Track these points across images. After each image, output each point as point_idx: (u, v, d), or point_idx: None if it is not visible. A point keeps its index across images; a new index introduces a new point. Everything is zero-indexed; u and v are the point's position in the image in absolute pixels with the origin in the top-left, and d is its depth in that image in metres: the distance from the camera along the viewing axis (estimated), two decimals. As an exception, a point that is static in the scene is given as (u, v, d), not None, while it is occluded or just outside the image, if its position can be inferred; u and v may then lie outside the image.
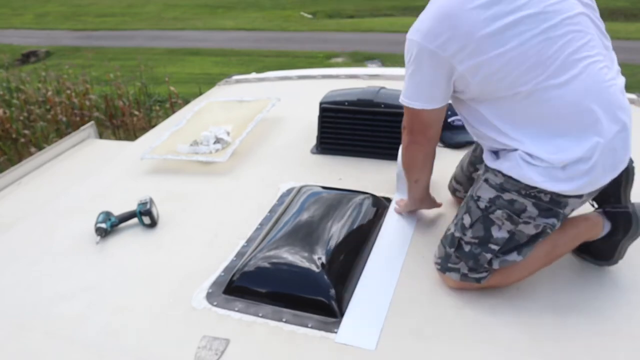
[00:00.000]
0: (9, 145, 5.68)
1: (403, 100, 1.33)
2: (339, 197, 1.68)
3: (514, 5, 1.17)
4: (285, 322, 1.29)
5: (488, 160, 1.33)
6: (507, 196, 1.27)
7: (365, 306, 1.34)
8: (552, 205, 1.25)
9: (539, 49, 1.17)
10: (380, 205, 1.73)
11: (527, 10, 1.17)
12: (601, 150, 1.19)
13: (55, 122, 6.17)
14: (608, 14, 13.54)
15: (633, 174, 1.41)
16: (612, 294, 1.34)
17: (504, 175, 1.27)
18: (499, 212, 1.28)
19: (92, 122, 2.76)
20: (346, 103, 2.15)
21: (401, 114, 1.40)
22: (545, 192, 1.23)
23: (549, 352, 1.18)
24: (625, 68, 1.42)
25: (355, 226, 1.57)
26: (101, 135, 3.99)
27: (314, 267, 1.37)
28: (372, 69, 4.39)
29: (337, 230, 1.52)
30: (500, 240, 1.29)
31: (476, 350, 1.20)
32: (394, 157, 1.83)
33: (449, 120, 2.21)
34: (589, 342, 1.20)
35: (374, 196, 1.74)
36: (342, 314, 1.30)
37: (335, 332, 1.25)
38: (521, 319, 1.27)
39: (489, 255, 1.31)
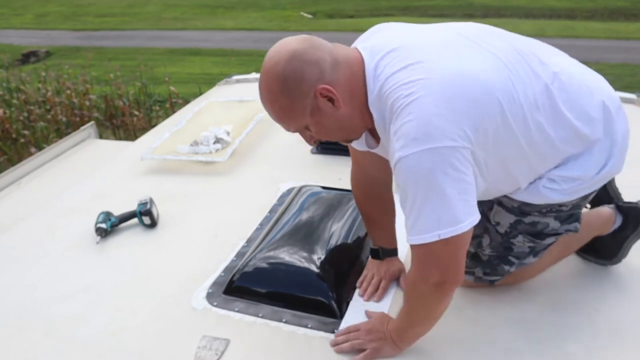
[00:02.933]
0: (9, 146, 5.67)
1: (429, 236, 1.01)
2: (339, 197, 1.68)
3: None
4: (285, 322, 1.29)
5: None
6: (528, 219, 1.22)
7: (365, 306, 1.34)
8: (573, 209, 1.22)
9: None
10: (380, 205, 1.73)
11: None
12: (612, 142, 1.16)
13: (55, 122, 6.17)
14: (608, 14, 13.59)
15: None
16: (612, 294, 1.34)
17: (523, 201, 1.20)
18: (520, 237, 1.24)
19: (92, 122, 2.76)
20: (346, 103, 2.15)
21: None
22: (567, 204, 1.20)
23: (549, 352, 1.18)
24: (625, 68, 1.43)
25: (355, 226, 1.57)
26: (101, 136, 3.98)
27: (313, 268, 1.37)
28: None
29: (337, 231, 1.52)
30: (522, 254, 1.27)
31: (476, 350, 1.20)
32: (394, 157, 1.83)
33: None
34: (589, 343, 1.20)
35: (374, 196, 1.74)
36: (341, 314, 1.30)
37: (335, 332, 1.25)
38: (521, 319, 1.27)
39: (507, 267, 1.29)
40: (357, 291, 1.39)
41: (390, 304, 1.35)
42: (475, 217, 1.02)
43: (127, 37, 12.87)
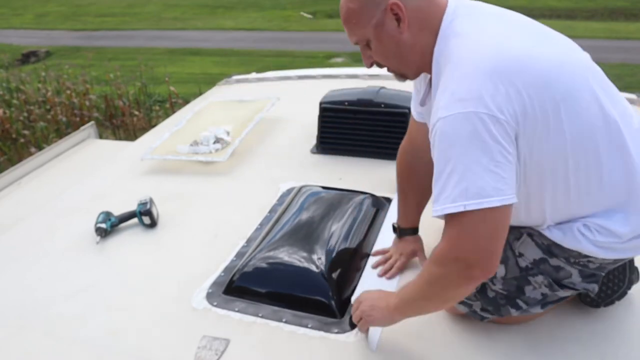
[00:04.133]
0: (8, 146, 5.67)
1: (454, 206, 0.96)
2: (339, 197, 1.68)
3: None
4: (285, 322, 1.29)
5: None
6: (554, 262, 1.13)
7: (375, 282, 1.34)
8: (597, 270, 1.14)
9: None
10: (380, 205, 1.73)
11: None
12: None
13: (55, 122, 6.17)
14: (608, 14, 13.58)
15: None
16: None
17: (554, 241, 1.12)
18: (539, 277, 1.14)
19: (92, 122, 2.76)
20: (346, 103, 2.15)
21: (401, 114, 1.37)
22: (595, 260, 1.11)
23: (549, 352, 1.18)
24: (625, 68, 1.42)
25: (355, 226, 1.56)
26: (101, 136, 3.99)
27: (313, 268, 1.37)
28: (372, 69, 4.39)
29: (337, 231, 1.52)
30: (532, 300, 1.16)
31: (476, 351, 1.19)
32: (393, 157, 1.82)
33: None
34: (589, 343, 1.20)
35: (374, 196, 1.74)
36: (342, 314, 1.30)
37: (335, 332, 1.25)
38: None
39: (513, 311, 1.17)
40: (369, 264, 1.45)
41: (398, 284, 1.37)
42: (508, 197, 0.94)
43: (127, 37, 12.87)
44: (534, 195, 1.06)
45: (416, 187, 1.41)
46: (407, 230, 1.48)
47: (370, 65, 1.20)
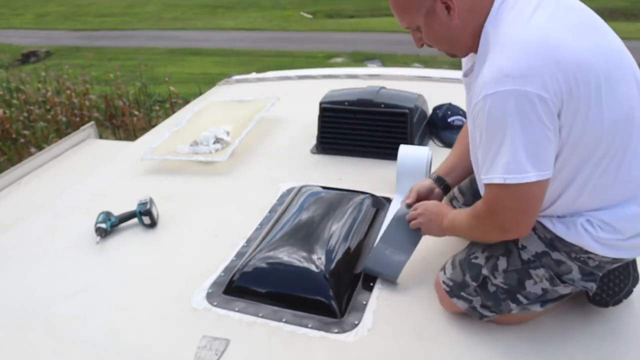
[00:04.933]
0: (9, 146, 5.67)
1: (496, 177, 1.03)
2: (339, 197, 1.68)
3: None
4: (285, 322, 1.29)
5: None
6: (555, 255, 1.14)
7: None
8: (596, 269, 1.15)
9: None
10: (380, 205, 1.73)
11: None
12: None
13: (55, 122, 6.16)
14: (608, 14, 13.56)
15: None
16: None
17: (557, 235, 1.14)
18: (541, 271, 1.16)
19: (92, 122, 2.76)
20: (346, 103, 2.15)
21: (401, 114, 1.37)
22: (595, 258, 1.13)
23: (549, 352, 1.18)
24: (625, 68, 1.42)
25: (355, 226, 1.57)
26: (101, 136, 3.99)
27: (313, 267, 1.37)
28: (372, 69, 4.40)
29: (337, 231, 1.52)
30: (532, 295, 1.18)
31: (476, 351, 1.20)
32: (394, 157, 1.83)
33: (449, 120, 2.21)
34: (588, 343, 1.20)
35: (374, 196, 1.74)
36: (342, 314, 1.30)
37: (335, 332, 1.25)
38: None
39: (513, 305, 1.19)
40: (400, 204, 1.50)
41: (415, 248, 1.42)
42: (546, 173, 1.01)
43: (127, 37, 12.87)
44: (556, 178, 1.07)
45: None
46: (441, 179, 1.50)
47: (421, 46, 1.24)
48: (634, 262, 1.26)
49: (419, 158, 1.79)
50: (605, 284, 1.23)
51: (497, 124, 1.00)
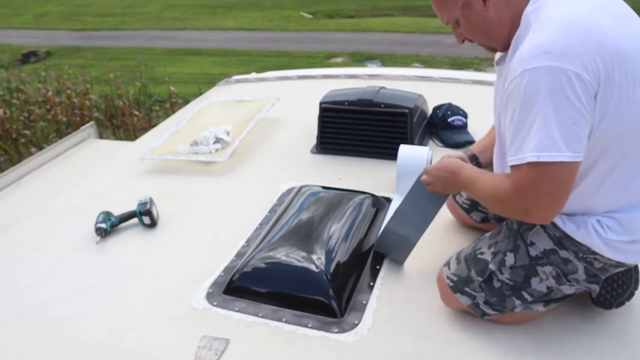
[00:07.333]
0: (9, 145, 5.67)
1: (529, 156, 1.00)
2: (339, 197, 1.68)
3: None
4: (285, 322, 1.29)
5: None
6: (563, 254, 1.14)
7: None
8: (600, 271, 1.15)
9: None
10: (380, 205, 1.73)
11: None
12: None
13: (55, 122, 6.16)
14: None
15: None
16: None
17: (566, 233, 1.14)
18: (548, 268, 1.16)
19: (92, 122, 2.76)
20: (346, 103, 2.15)
21: (401, 114, 1.37)
22: (601, 259, 1.13)
23: (549, 352, 1.18)
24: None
25: (355, 226, 1.57)
26: (101, 136, 3.99)
27: (313, 267, 1.37)
28: (372, 69, 4.39)
29: (337, 230, 1.52)
30: (537, 293, 1.18)
31: (476, 351, 1.20)
32: (394, 157, 1.83)
33: (449, 120, 2.21)
34: (588, 343, 1.20)
35: (374, 196, 1.74)
36: (342, 314, 1.30)
37: (335, 332, 1.25)
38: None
39: (517, 302, 1.19)
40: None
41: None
42: (579, 154, 0.98)
43: (127, 37, 12.87)
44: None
45: None
46: (474, 157, 1.47)
47: (462, 42, 1.25)
48: (636, 265, 1.27)
49: (419, 158, 1.79)
50: (609, 285, 1.23)
51: (532, 100, 0.98)
